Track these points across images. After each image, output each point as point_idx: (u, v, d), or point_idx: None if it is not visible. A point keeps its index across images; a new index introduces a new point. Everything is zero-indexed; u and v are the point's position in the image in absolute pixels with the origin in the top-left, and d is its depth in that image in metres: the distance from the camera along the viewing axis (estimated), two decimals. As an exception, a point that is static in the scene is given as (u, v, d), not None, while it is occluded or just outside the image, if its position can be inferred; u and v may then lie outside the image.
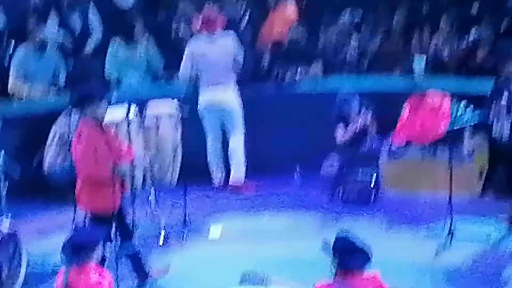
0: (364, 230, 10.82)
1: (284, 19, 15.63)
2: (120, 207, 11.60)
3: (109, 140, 11.20)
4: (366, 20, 15.60)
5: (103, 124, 11.37)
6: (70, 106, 12.09)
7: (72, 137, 11.66)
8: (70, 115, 13.12)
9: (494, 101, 12.93)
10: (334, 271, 8.66)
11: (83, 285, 8.87)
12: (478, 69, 14.52)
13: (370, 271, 8.68)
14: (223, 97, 14.15)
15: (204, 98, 14.16)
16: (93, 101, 11.26)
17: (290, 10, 15.82)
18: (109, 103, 13.27)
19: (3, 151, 11.95)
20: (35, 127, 13.73)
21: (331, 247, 8.83)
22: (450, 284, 11.72)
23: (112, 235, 11.08)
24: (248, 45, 15.07)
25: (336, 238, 8.82)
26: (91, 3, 15.92)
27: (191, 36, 14.84)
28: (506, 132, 12.91)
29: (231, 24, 14.70)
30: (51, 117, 13.69)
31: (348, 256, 8.70)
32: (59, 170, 13.34)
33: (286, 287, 9.48)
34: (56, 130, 13.50)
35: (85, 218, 12.32)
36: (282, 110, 14.66)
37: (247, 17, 15.79)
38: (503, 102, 12.98)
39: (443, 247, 12.35)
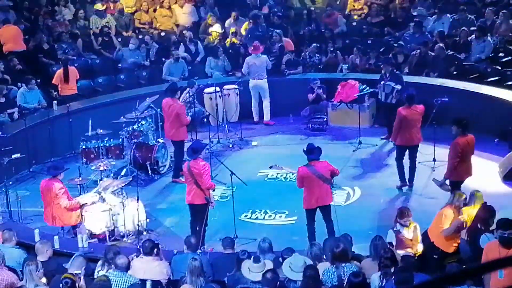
0: (320, 143, 10.28)
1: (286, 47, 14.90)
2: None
3: (182, 107, 11.12)
4: (321, 48, 14.84)
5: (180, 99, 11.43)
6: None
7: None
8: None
9: (378, 84, 12.43)
10: (307, 162, 8.73)
11: (197, 168, 8.84)
12: (372, 69, 13.93)
13: (323, 160, 8.81)
14: (260, 83, 13.57)
15: (252, 82, 13.57)
16: (176, 91, 11.30)
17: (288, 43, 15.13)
18: (206, 86, 13.36)
19: (159, 109, 11.83)
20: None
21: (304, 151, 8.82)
22: (360, 165, 11.72)
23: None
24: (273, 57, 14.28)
25: (307, 145, 8.94)
26: (199, 41, 15.41)
27: (247, 55, 14.16)
28: (383, 96, 12.36)
29: (265, 49, 13.97)
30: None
31: (311, 152, 8.77)
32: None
33: (291, 170, 9.47)
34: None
35: (196, 137, 12.51)
36: (286, 88, 13.96)
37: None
38: (378, 84, 12.48)
39: (356, 148, 12.31)
